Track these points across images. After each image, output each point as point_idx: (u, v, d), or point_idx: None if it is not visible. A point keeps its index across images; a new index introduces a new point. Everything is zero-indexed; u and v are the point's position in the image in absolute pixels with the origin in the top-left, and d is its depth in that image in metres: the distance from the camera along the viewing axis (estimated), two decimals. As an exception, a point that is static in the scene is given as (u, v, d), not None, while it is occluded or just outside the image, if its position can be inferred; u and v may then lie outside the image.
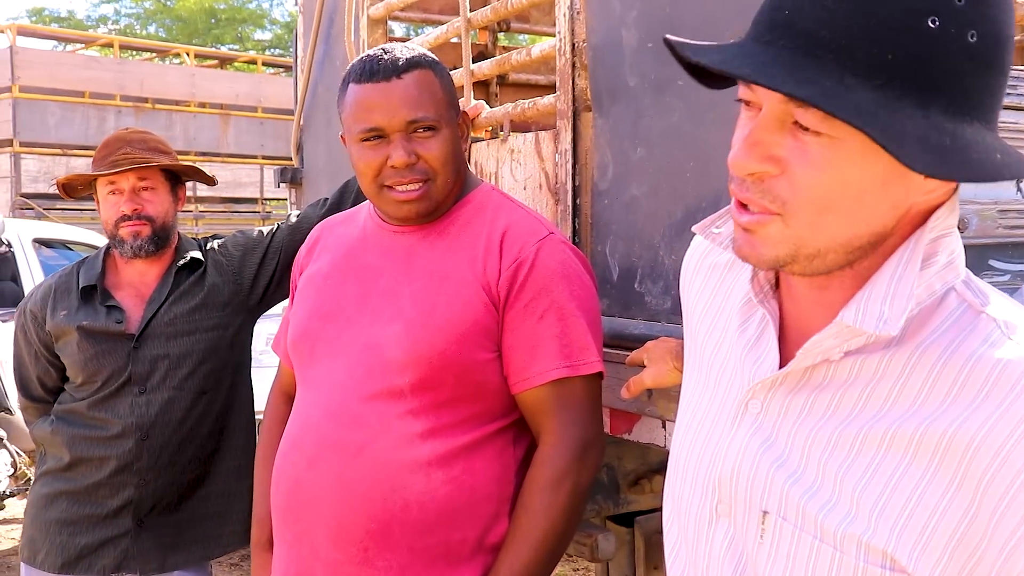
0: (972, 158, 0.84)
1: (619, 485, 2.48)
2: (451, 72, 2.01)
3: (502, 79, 4.12)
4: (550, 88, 4.32)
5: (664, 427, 2.10)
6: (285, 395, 2.13)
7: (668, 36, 0.95)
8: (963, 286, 0.96)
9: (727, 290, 1.16)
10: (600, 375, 1.86)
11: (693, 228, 1.13)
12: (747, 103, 0.94)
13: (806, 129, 0.88)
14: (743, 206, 0.95)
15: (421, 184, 1.82)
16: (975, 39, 0.84)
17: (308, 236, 2.14)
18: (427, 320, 1.79)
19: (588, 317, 1.84)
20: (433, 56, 1.91)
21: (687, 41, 0.93)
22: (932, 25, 0.83)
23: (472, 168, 2.75)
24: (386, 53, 1.84)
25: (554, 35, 2.44)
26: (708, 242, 1.21)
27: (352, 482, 1.76)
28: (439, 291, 1.82)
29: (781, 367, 1.02)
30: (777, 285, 1.08)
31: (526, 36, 8.55)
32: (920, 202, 0.93)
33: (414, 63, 1.83)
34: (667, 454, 2.21)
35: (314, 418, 1.84)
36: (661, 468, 2.50)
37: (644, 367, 1.91)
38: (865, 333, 0.93)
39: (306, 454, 1.82)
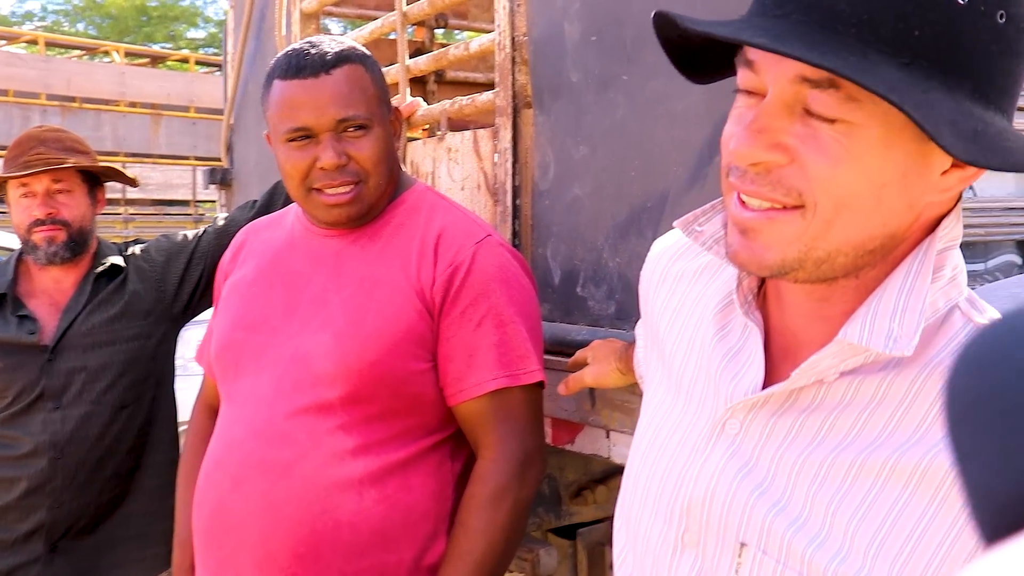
0: (1006, 146, 0.78)
1: (561, 497, 2.40)
2: (387, 69, 1.90)
3: (439, 76, 4.02)
4: (489, 86, 4.23)
5: (608, 437, 2.01)
6: (209, 409, 2.01)
7: (660, 11, 0.85)
8: (967, 304, 0.88)
9: (697, 298, 1.06)
10: (541, 384, 1.77)
11: (675, 223, 1.02)
12: (747, 92, 0.84)
13: (818, 117, 0.79)
14: (742, 202, 0.85)
15: (352, 186, 1.72)
16: (1004, 20, 0.77)
17: (233, 240, 2.02)
18: (357, 329, 1.69)
19: (528, 323, 1.75)
20: (363, 49, 1.80)
21: (682, 15, 0.83)
22: (961, 3, 0.76)
23: (408, 168, 2.65)
24: (313, 47, 1.73)
25: (493, 31, 2.34)
26: (672, 249, 1.11)
27: (279, 503, 1.65)
28: (370, 298, 1.71)
29: (765, 385, 0.93)
30: (759, 293, 0.99)
31: (464, 34, 8.46)
32: (934, 203, 0.84)
33: (343, 58, 1.72)
34: (611, 464, 2.14)
35: (238, 436, 1.73)
36: (604, 478, 2.42)
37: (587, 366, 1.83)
38: (867, 352, 0.85)
39: (230, 474, 1.70)
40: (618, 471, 2.44)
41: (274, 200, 2.55)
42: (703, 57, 0.92)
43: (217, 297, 1.98)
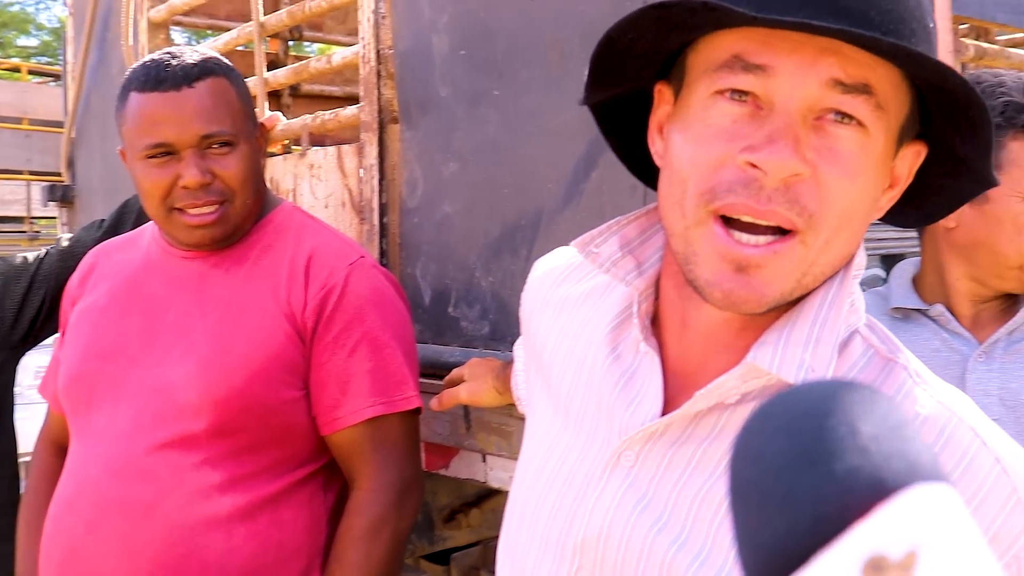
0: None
1: (433, 521, 2.34)
2: (242, 81, 1.81)
3: (295, 90, 3.91)
4: (348, 100, 4.14)
5: (484, 460, 1.96)
6: (55, 446, 1.86)
7: None
8: (867, 330, 0.87)
9: (584, 322, 1.01)
10: (418, 411, 1.70)
11: (572, 244, 0.96)
12: (741, 95, 0.78)
13: (843, 119, 0.76)
14: (732, 236, 0.78)
15: (217, 206, 1.62)
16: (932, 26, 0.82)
17: (81, 263, 1.88)
18: (224, 357, 1.59)
19: (404, 348, 1.69)
20: (227, 62, 1.71)
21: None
22: (931, 25, 0.79)
23: (267, 185, 2.54)
24: (174, 58, 1.63)
25: (350, 44, 2.27)
26: (556, 272, 1.06)
27: (140, 547, 1.53)
28: (237, 323, 1.62)
29: (663, 413, 0.88)
30: (654, 318, 0.94)
31: (314, 47, 8.32)
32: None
33: (207, 70, 1.63)
34: (485, 488, 2.10)
35: (92, 474, 1.60)
36: (478, 501, 2.37)
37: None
38: (770, 376, 0.81)
39: (83, 517, 1.58)
40: (492, 493, 2.40)
41: (124, 219, 2.41)
42: (621, 72, 0.89)
43: (64, 324, 1.84)
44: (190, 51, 1.68)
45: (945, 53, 2.02)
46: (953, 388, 0.84)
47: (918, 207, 0.89)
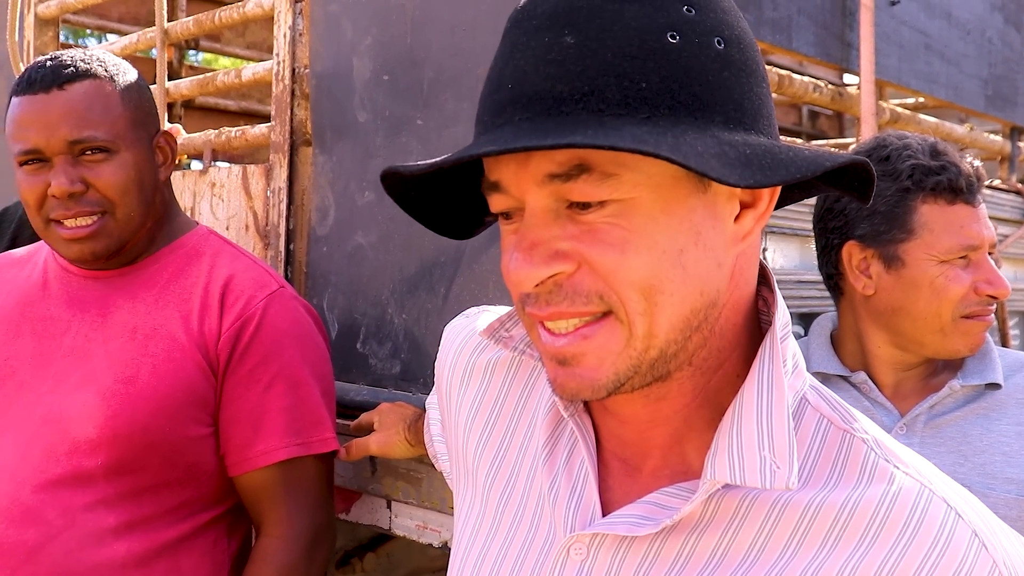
0: (782, 159, 0.73)
1: (327, 567, 2.22)
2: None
3: (188, 102, 3.76)
4: (244, 116, 3.99)
5: (389, 507, 1.86)
6: None
7: (386, 169, 0.79)
8: (815, 395, 0.83)
9: (517, 396, 0.95)
10: (334, 453, 1.61)
11: (480, 334, 0.94)
12: (505, 217, 0.78)
13: (585, 207, 0.72)
14: (548, 330, 0.76)
15: (96, 217, 1.51)
16: (723, 46, 0.74)
17: None
18: (128, 388, 1.48)
19: (322, 386, 1.59)
20: (120, 64, 1.60)
21: (405, 164, 0.77)
22: (674, 40, 0.72)
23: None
24: (53, 60, 1.54)
25: (247, 58, 2.16)
26: (475, 339, 1.01)
27: None
28: (143, 352, 1.50)
29: (603, 504, 0.84)
30: None
31: (200, 57, 8.10)
32: (742, 255, 0.79)
33: (83, 72, 1.52)
34: (379, 531, 2.00)
35: None
36: (373, 545, 2.26)
37: (372, 431, 1.69)
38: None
39: None
40: (389, 538, 2.30)
41: (2, 229, 2.25)
42: (464, 209, 0.87)
43: None
44: (75, 53, 1.58)
45: (867, 115, 2.04)
46: (914, 454, 0.82)
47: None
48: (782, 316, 0.81)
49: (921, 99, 2.90)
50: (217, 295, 1.56)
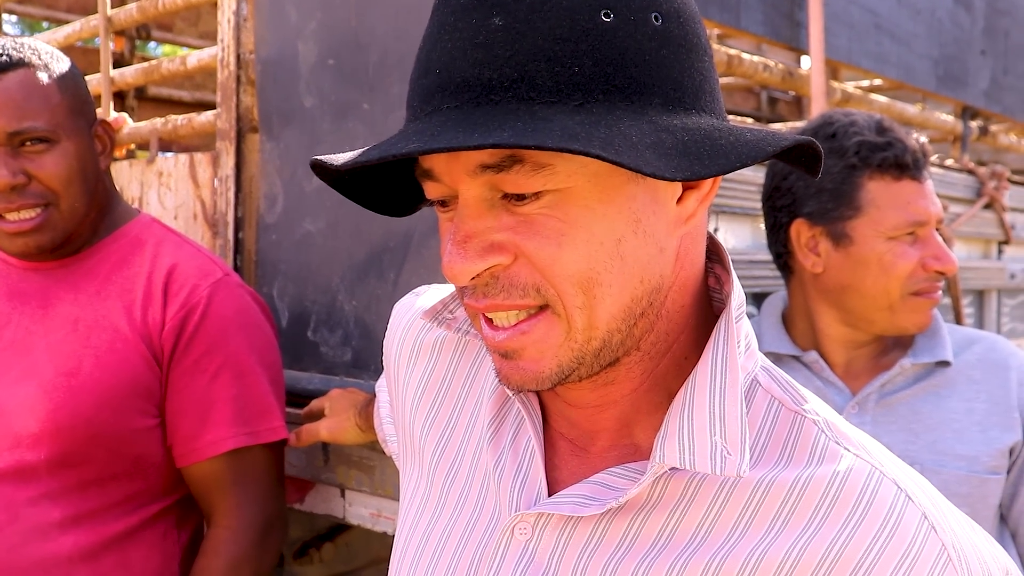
0: (722, 145, 0.71)
1: (284, 557, 2.20)
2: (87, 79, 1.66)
3: (141, 92, 3.70)
4: (198, 107, 3.94)
5: (343, 496, 1.84)
6: None
7: (312, 160, 0.77)
8: (766, 377, 0.82)
9: (465, 375, 0.94)
10: (283, 442, 1.59)
11: (422, 317, 0.93)
12: (442, 205, 0.76)
13: (521, 199, 0.70)
14: (489, 322, 0.76)
15: (40, 210, 1.48)
16: (660, 21, 0.71)
17: None
18: (70, 380, 1.45)
19: (270, 374, 1.57)
20: (53, 53, 1.56)
21: (329, 156, 0.75)
22: (608, 19, 0.69)
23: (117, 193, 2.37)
24: None
25: (200, 47, 2.13)
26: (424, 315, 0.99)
27: None
28: (86, 344, 1.48)
29: (549, 483, 0.83)
30: None
31: (160, 49, 8.02)
32: (687, 236, 0.78)
33: (16, 61, 1.49)
34: (339, 521, 1.98)
35: None
36: (331, 535, 2.24)
37: (323, 418, 1.67)
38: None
39: None
40: (346, 527, 2.28)
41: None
42: (401, 187, 0.86)
43: None
44: (5, 42, 1.54)
45: (818, 95, 2.04)
46: (865, 435, 0.81)
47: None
48: (737, 296, 0.80)
49: (877, 81, 2.91)
50: (160, 284, 1.53)
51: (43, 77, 1.52)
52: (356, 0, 1.88)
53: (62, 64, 1.56)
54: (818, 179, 1.51)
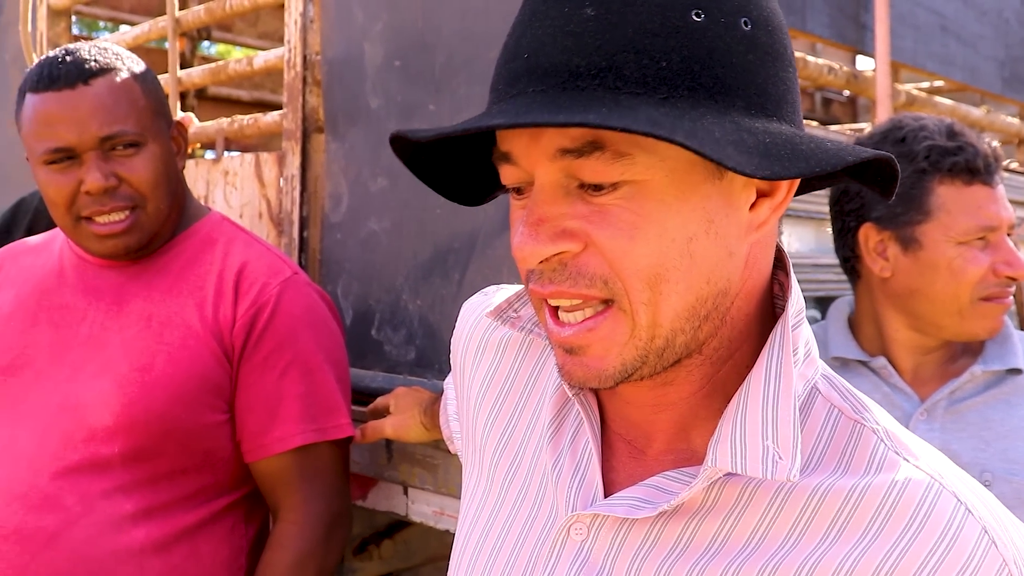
0: (802, 150, 0.71)
1: (343, 553, 2.22)
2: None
3: (201, 92, 3.76)
4: (257, 105, 4.00)
5: (406, 493, 1.86)
6: None
7: (394, 133, 0.77)
8: (826, 384, 0.81)
9: (528, 373, 0.94)
10: (350, 439, 1.61)
11: (487, 315, 0.93)
12: (516, 191, 0.76)
13: (597, 189, 0.70)
14: (555, 316, 0.76)
15: (128, 212, 1.51)
16: (750, 27, 0.72)
17: None
18: (143, 375, 1.48)
19: (336, 372, 1.59)
20: (133, 57, 1.60)
21: (413, 130, 0.75)
22: (698, 18, 0.70)
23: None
24: (69, 55, 1.53)
25: (259, 48, 2.16)
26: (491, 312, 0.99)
27: None
28: (159, 340, 1.50)
29: (606, 485, 0.82)
30: None
31: (215, 48, 8.11)
32: (757, 244, 0.77)
33: (105, 66, 1.52)
34: (398, 518, 2.00)
35: None
36: (390, 532, 2.26)
37: (388, 415, 1.69)
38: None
39: None
40: (406, 524, 2.30)
41: (18, 219, 2.25)
42: (476, 176, 0.85)
43: None
44: (89, 47, 1.57)
45: (883, 97, 2.03)
46: (926, 446, 0.80)
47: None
48: (796, 303, 0.79)
49: (938, 82, 2.88)
50: (231, 282, 1.56)
51: (128, 81, 1.55)
52: (423, 2, 1.90)
53: (141, 67, 1.59)
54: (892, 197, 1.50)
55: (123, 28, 4.01)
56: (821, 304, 1.90)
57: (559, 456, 0.86)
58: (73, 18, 3.15)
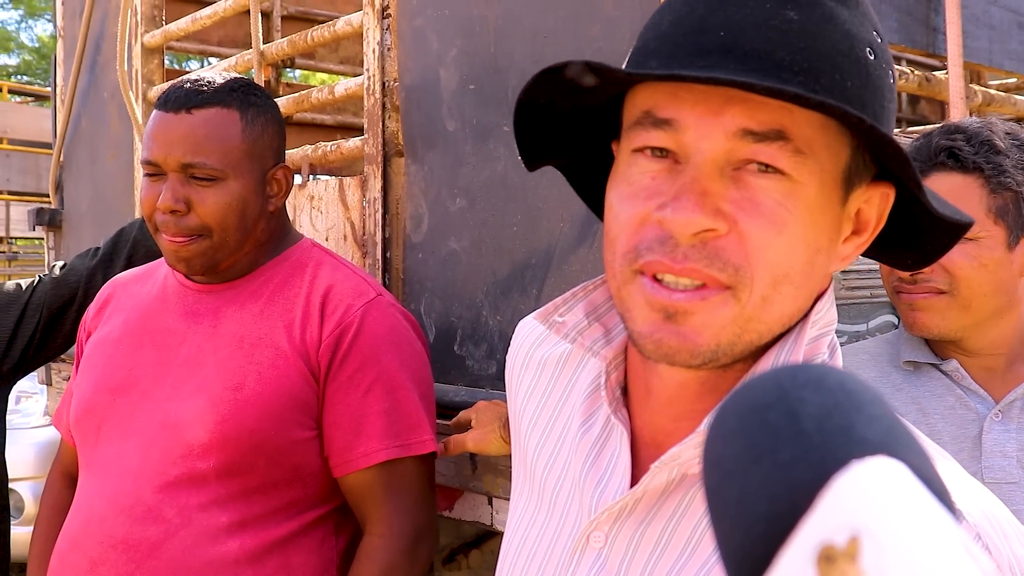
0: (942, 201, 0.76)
1: (433, 563, 2.29)
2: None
3: (286, 119, 3.88)
4: (340, 130, 4.11)
5: (491, 503, 1.92)
6: (67, 478, 1.83)
7: (575, 62, 0.73)
8: None
9: (563, 390, 0.95)
10: (434, 455, 1.66)
11: (532, 316, 0.94)
12: (660, 151, 0.74)
13: (766, 170, 0.71)
14: (660, 284, 0.73)
15: (192, 238, 1.59)
16: (892, 81, 0.76)
17: (99, 293, 1.86)
18: (236, 394, 1.56)
19: (420, 389, 1.65)
20: (261, 96, 1.68)
21: (605, 64, 0.72)
22: (871, 56, 0.74)
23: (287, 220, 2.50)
24: (193, 82, 1.63)
25: (340, 73, 2.24)
26: (538, 330, 1.00)
27: None
28: (250, 360, 1.58)
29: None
30: (625, 388, 0.89)
31: (296, 74, 8.29)
32: (828, 277, 0.79)
33: (215, 99, 1.60)
34: (485, 528, 2.05)
35: (98, 511, 1.56)
36: (477, 542, 2.32)
37: (470, 428, 1.74)
38: None
39: (88, 555, 1.53)
40: (493, 534, 2.36)
41: (119, 248, 2.36)
42: (553, 136, 0.86)
43: (79, 356, 1.81)
44: (219, 78, 1.66)
45: (956, 100, 2.02)
46: (971, 480, 0.76)
47: (911, 248, 0.85)
48: (823, 316, 0.79)
49: (1012, 79, 2.84)
50: (318, 304, 1.62)
51: (230, 118, 1.61)
52: (495, 28, 1.96)
53: (262, 109, 1.66)
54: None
55: (212, 61, 4.16)
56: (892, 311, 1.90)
57: (586, 464, 0.87)
58: (166, 54, 3.28)
